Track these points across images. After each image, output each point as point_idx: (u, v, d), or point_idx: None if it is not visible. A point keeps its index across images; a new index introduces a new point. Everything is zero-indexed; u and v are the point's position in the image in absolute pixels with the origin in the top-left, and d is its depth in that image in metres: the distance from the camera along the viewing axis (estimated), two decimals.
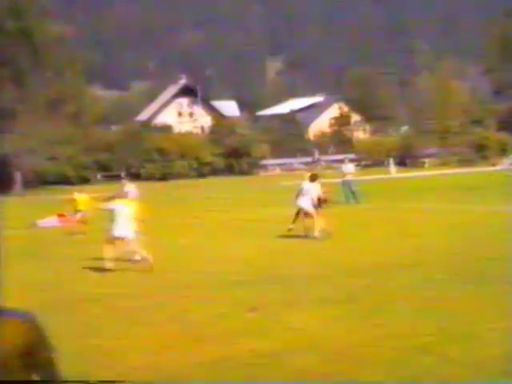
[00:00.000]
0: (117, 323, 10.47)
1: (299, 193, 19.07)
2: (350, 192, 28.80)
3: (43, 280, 14.45)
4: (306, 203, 18.75)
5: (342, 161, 36.36)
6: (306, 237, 18.54)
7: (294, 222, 19.13)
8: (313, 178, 19.47)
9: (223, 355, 8.51)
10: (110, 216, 15.01)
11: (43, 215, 26.31)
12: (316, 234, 18.42)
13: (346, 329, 9.52)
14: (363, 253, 15.86)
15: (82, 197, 24.19)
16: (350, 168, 30.52)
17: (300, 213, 19.00)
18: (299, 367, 7.99)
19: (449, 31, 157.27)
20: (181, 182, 53.74)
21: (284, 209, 23.60)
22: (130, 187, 20.43)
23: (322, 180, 20.93)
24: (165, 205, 34.28)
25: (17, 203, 38.75)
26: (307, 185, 19.16)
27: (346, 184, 29.16)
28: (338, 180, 30.35)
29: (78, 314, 11.16)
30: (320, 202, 19.18)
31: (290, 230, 18.88)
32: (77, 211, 23.77)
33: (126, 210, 14.87)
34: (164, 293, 12.52)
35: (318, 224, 18.51)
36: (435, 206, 25.58)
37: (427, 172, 51.47)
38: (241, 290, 12.29)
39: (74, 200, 24.10)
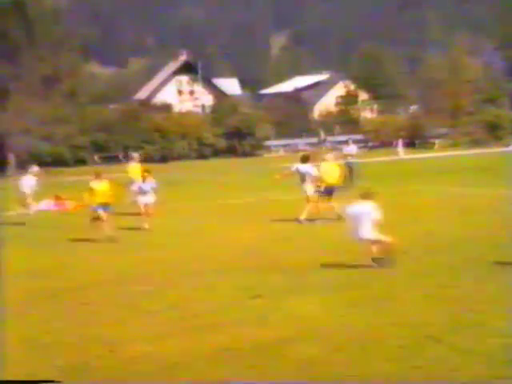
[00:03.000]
0: (115, 310, 10.51)
1: (301, 177, 18.96)
2: (349, 174, 28.62)
3: (39, 266, 14.49)
4: (308, 188, 18.71)
5: (345, 142, 36.20)
6: (329, 220, 18.35)
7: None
8: (304, 159, 19.29)
9: (224, 344, 8.53)
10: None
11: (38, 198, 26.28)
12: (302, 218, 18.39)
13: (352, 317, 9.52)
14: None
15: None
16: (351, 149, 30.37)
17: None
18: (302, 357, 8.00)
19: (462, 4, 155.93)
20: (181, 163, 53.67)
21: (286, 192, 23.58)
22: None
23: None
24: (164, 188, 34.26)
25: (10, 185, 38.72)
26: (302, 167, 19.06)
27: (348, 166, 29.02)
28: (341, 161, 30.17)
29: (76, 301, 11.19)
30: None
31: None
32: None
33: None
34: (164, 279, 12.55)
35: (308, 210, 18.50)
36: (445, 190, 25.52)
37: (437, 153, 51.31)
38: (242, 277, 12.31)
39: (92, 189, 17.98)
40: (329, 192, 18.80)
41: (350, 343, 8.41)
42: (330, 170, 19.20)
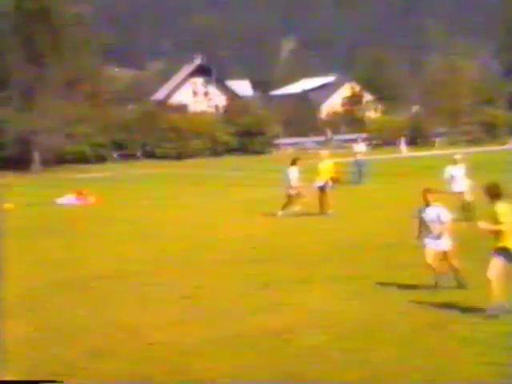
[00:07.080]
0: (131, 300, 10.52)
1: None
2: (358, 171, 28.50)
3: (60, 257, 14.54)
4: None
5: (354, 140, 36.05)
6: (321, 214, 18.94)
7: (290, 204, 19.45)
8: (292, 162, 19.93)
9: (235, 331, 8.53)
10: None
11: (61, 193, 26.41)
12: (330, 212, 18.91)
13: (358, 306, 9.51)
14: (374, 232, 15.81)
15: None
16: (361, 147, 30.21)
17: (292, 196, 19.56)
18: (309, 343, 7.99)
19: (461, 10, 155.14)
20: (195, 160, 53.70)
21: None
22: None
23: (336, 159, 20.98)
24: (179, 183, 34.31)
25: (35, 181, 38.92)
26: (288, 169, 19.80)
27: (357, 163, 28.88)
28: (350, 159, 30.10)
29: (94, 291, 11.21)
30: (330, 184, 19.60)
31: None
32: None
33: None
34: (176, 270, 12.56)
35: (328, 201, 19.08)
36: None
37: (437, 151, 51.07)
38: (252, 268, 12.30)
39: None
40: (321, 188, 19.18)
41: (354, 331, 8.39)
42: (324, 167, 19.74)
